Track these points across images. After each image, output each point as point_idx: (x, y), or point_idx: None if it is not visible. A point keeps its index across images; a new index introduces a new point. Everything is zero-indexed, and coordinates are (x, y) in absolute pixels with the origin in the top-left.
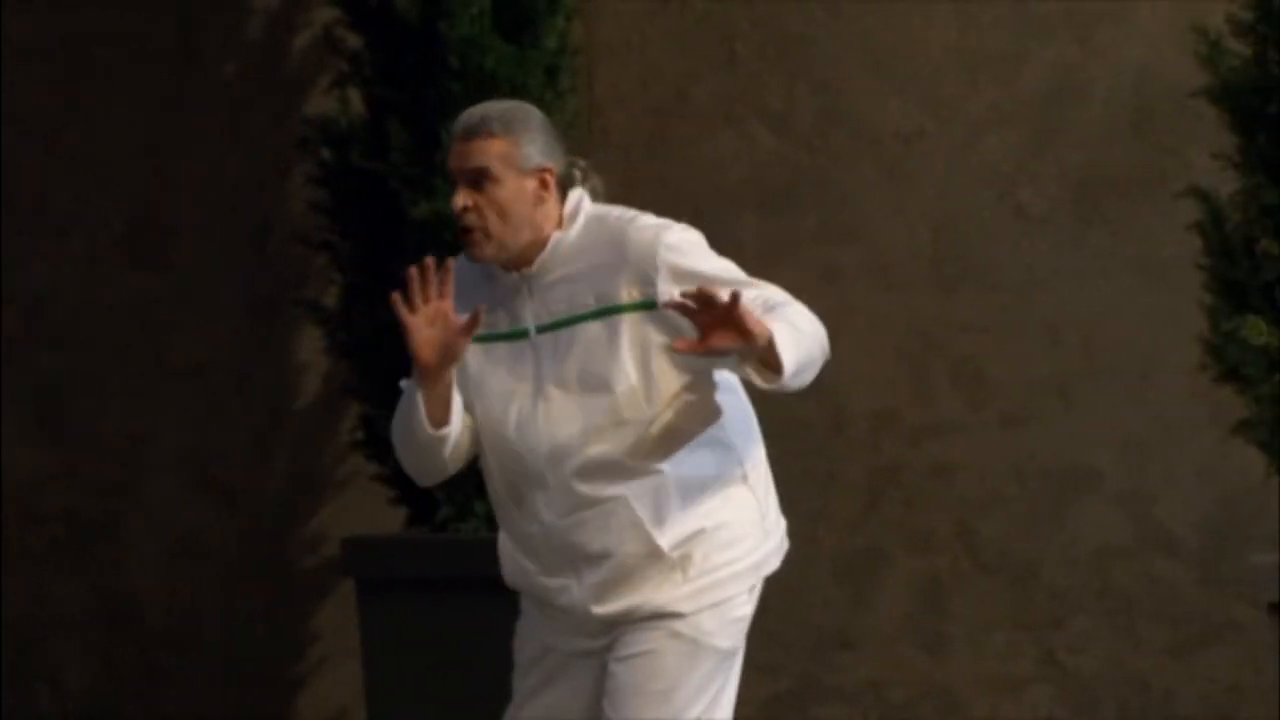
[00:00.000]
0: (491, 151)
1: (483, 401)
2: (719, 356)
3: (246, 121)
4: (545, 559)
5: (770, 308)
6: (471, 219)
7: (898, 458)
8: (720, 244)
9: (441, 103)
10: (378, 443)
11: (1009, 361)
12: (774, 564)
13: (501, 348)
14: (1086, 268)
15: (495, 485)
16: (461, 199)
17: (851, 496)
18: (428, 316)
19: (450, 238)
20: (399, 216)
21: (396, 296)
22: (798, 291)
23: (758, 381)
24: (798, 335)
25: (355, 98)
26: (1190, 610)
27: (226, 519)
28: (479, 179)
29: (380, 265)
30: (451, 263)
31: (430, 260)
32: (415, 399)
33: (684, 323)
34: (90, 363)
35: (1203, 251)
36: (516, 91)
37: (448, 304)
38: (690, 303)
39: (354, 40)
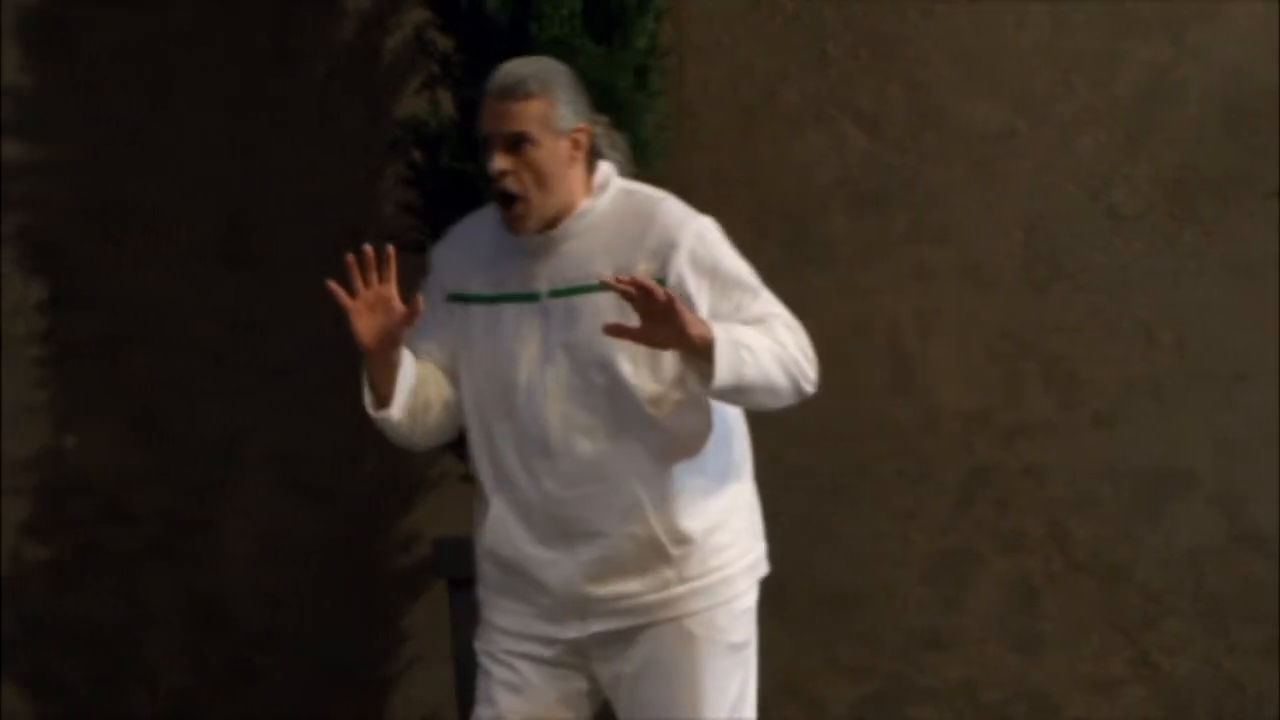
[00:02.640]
0: (530, 113)
1: (490, 362)
2: (650, 346)
3: (338, 123)
4: (541, 528)
5: (759, 323)
6: (511, 183)
7: (990, 458)
8: (811, 245)
9: None
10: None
11: (1101, 362)
12: (765, 567)
13: (510, 309)
14: (1180, 268)
15: (500, 450)
16: (500, 163)
17: (943, 497)
18: (368, 302)
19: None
20: None
21: (334, 284)
22: (888, 292)
23: (691, 381)
24: (746, 353)
25: (446, 99)
26: None
27: (319, 519)
28: (517, 142)
29: None
30: (392, 249)
31: (369, 247)
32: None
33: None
34: (183, 363)
35: None
36: (606, 92)
37: (389, 289)
38: (629, 288)
39: (445, 42)
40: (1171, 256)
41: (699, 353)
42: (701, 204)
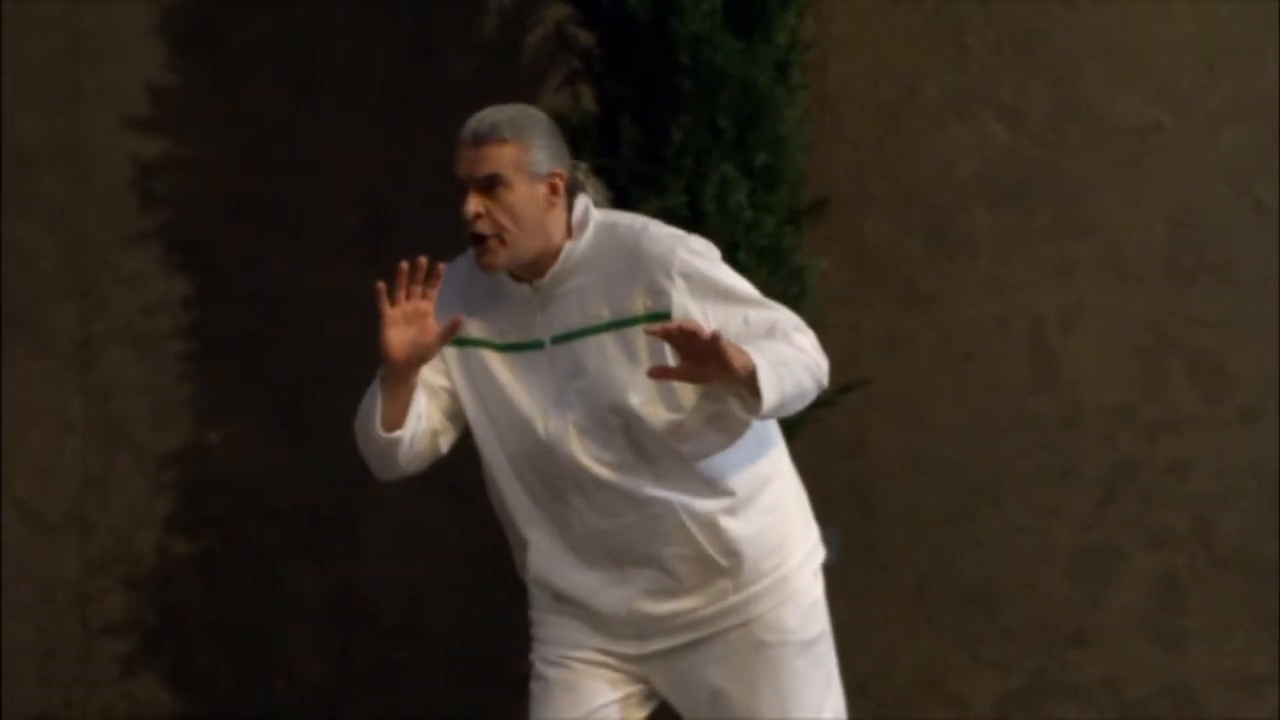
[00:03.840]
0: (503, 157)
1: (508, 410)
2: (695, 383)
3: None
4: (590, 557)
5: (772, 333)
6: (484, 226)
7: (1134, 454)
8: (952, 239)
9: (672, 100)
10: None
11: (1247, 356)
12: (822, 552)
13: (518, 358)
14: None
15: (536, 490)
16: (473, 206)
17: (1087, 492)
18: (406, 314)
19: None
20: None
21: (381, 286)
22: (1031, 287)
23: (736, 409)
24: (783, 370)
25: (587, 95)
26: None
27: (460, 514)
28: (491, 185)
29: None
30: (442, 267)
31: (424, 259)
32: (376, 397)
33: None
34: (327, 360)
35: None
36: (747, 87)
37: (429, 306)
38: (674, 333)
39: (585, 37)
40: None
41: (741, 381)
42: (842, 199)
